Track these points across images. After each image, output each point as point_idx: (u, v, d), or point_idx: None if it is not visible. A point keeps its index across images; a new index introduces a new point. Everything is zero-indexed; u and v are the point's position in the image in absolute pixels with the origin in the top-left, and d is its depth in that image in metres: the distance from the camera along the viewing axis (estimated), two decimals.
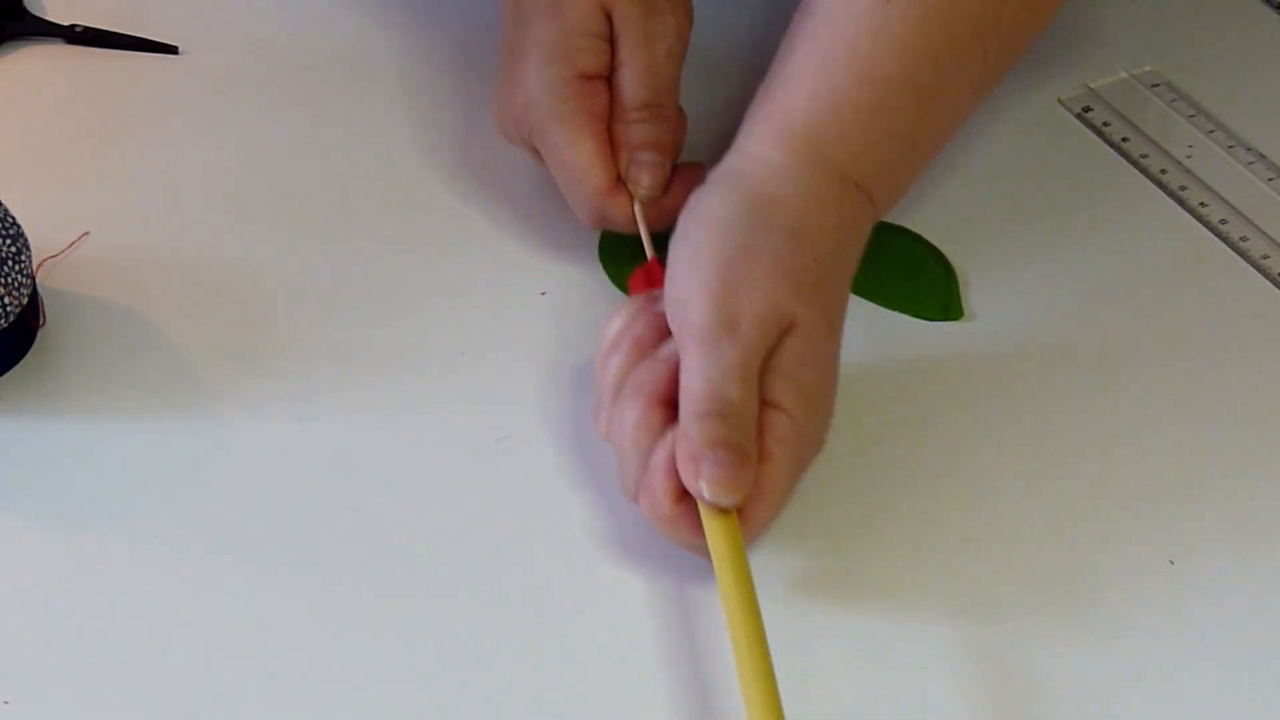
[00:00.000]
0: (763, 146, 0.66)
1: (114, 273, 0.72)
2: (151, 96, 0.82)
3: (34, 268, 0.69)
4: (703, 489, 0.59)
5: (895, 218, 0.76)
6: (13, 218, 0.67)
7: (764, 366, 0.61)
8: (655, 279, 0.67)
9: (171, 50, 0.84)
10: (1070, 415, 0.69)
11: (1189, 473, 0.67)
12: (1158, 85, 0.84)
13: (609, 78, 0.72)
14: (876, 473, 0.66)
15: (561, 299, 0.72)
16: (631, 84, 0.71)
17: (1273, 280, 0.75)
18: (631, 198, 0.71)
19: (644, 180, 0.70)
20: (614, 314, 0.66)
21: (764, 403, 0.61)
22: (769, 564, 0.62)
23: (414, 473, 0.66)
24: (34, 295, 0.68)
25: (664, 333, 0.64)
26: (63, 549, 0.63)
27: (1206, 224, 0.77)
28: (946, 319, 0.72)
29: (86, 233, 0.74)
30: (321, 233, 0.75)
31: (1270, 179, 0.79)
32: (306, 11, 0.86)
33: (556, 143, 0.70)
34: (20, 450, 0.66)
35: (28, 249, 0.67)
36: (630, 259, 0.71)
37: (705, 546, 0.60)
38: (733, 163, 0.67)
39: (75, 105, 0.81)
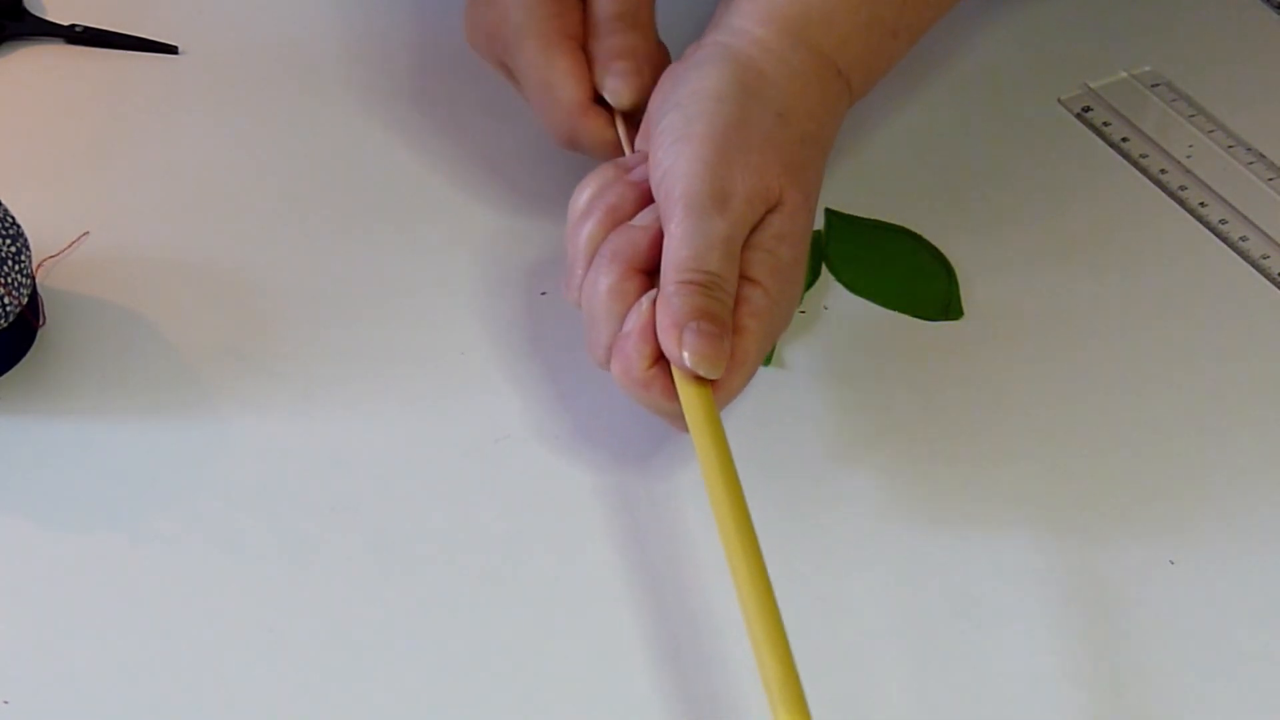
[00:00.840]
0: (750, 24, 0.67)
1: (114, 273, 0.72)
2: (151, 96, 0.82)
3: (34, 268, 0.69)
4: (685, 358, 0.60)
5: (895, 217, 0.76)
6: (13, 218, 0.67)
7: (745, 243, 0.63)
8: None
9: (171, 50, 0.84)
10: (1070, 415, 0.69)
11: (1189, 473, 0.67)
12: (1158, 85, 0.84)
13: None
14: (875, 472, 0.66)
15: (561, 299, 0.72)
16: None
17: (1273, 280, 0.75)
18: (610, 115, 0.70)
19: (621, 89, 0.69)
20: (584, 182, 0.66)
21: (741, 277, 0.62)
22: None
23: (414, 473, 0.66)
24: (34, 295, 0.68)
25: (638, 201, 0.65)
26: (63, 549, 0.63)
27: (1206, 224, 0.77)
28: (946, 319, 0.72)
29: (86, 233, 0.74)
30: (321, 233, 0.75)
31: (1270, 179, 0.79)
32: (306, 11, 0.86)
33: (529, 61, 0.70)
34: (20, 450, 0.66)
35: (28, 249, 0.67)
36: None
37: (675, 411, 0.61)
38: (721, 38, 0.67)
39: (75, 105, 0.81)
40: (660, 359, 0.61)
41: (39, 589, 0.62)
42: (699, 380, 0.61)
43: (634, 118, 0.70)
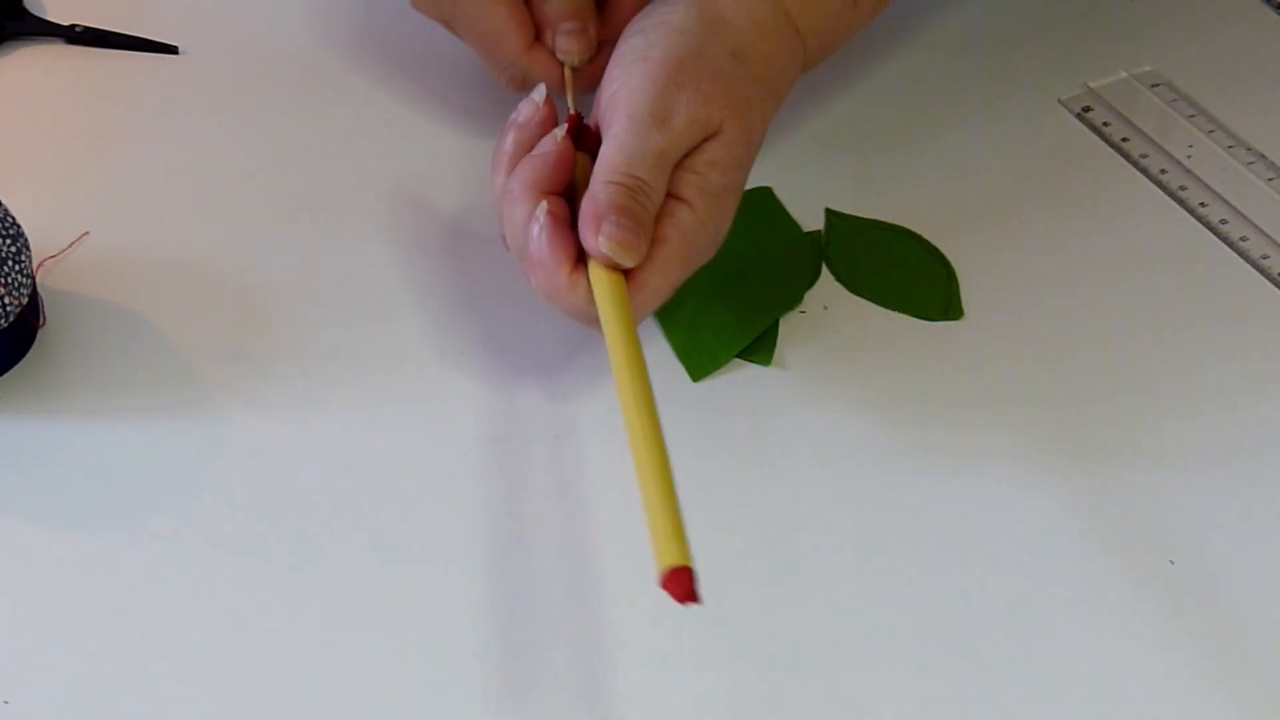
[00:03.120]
0: None
1: (114, 273, 0.72)
2: (151, 96, 0.82)
3: (34, 268, 0.69)
4: (600, 244, 0.63)
5: (895, 217, 0.76)
6: (13, 218, 0.67)
7: (679, 163, 0.66)
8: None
9: (171, 50, 0.84)
10: (1069, 415, 0.69)
11: (1189, 472, 0.67)
12: (1158, 85, 0.84)
13: None
14: (875, 472, 0.66)
15: None
16: None
17: (1273, 280, 0.75)
18: (557, 61, 0.73)
19: (573, 48, 0.73)
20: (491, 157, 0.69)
21: (670, 195, 0.65)
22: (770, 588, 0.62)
23: (414, 473, 0.66)
24: (34, 295, 0.68)
25: (530, 144, 0.67)
26: (63, 549, 0.63)
27: (1206, 224, 0.77)
28: (946, 319, 0.72)
29: (86, 233, 0.74)
30: (321, 233, 0.75)
31: (1270, 179, 0.79)
32: (306, 11, 0.86)
33: (471, 14, 0.73)
34: (20, 450, 0.66)
35: (28, 249, 0.67)
36: None
37: (594, 316, 0.63)
38: None
39: (75, 105, 0.81)
40: (580, 266, 0.63)
41: (39, 589, 0.62)
42: (613, 269, 0.63)
43: (578, 69, 0.74)
